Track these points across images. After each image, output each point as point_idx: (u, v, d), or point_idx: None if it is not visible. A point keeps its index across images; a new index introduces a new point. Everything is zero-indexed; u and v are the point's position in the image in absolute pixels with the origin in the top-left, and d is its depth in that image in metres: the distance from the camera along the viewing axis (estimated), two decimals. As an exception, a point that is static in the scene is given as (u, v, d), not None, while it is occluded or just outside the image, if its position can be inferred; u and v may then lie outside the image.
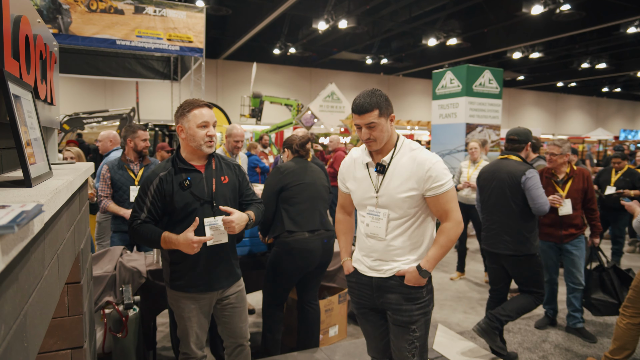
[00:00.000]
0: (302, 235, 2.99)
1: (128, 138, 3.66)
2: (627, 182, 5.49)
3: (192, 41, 10.24)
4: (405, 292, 2.02)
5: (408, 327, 2.04)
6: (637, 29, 14.07)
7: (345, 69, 23.49)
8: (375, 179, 2.05)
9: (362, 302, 2.18)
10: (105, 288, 2.92)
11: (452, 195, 1.99)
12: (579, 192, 3.72)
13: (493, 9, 14.56)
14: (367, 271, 2.11)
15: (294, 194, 3.05)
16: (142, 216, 2.18)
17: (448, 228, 2.00)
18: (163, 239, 2.12)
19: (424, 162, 1.95)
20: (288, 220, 3.00)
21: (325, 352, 3.22)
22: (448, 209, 1.99)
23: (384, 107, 1.96)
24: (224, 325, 2.44)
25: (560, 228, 3.75)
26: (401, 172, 1.98)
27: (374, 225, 2.05)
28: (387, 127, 1.98)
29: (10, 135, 1.43)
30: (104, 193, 3.62)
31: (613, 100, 32.41)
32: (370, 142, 2.00)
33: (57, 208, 1.08)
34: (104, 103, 18.48)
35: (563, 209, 3.68)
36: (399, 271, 2.02)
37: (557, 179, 3.80)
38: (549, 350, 3.61)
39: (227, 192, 2.33)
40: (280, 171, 3.11)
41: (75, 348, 1.90)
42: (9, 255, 0.66)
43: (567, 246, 3.76)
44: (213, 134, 2.25)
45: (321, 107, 11.38)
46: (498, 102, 8.24)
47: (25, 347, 0.88)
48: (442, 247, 2.00)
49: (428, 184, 1.94)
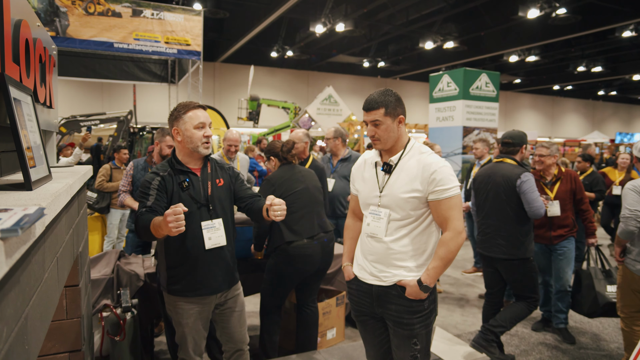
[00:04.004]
0: (301, 242, 2.98)
1: (157, 141, 3.79)
2: (586, 185, 5.77)
3: (189, 44, 10.25)
4: (406, 305, 1.98)
5: (409, 340, 2.01)
6: (632, 32, 14.16)
7: (342, 72, 23.51)
8: (381, 179, 2.04)
9: (361, 310, 2.16)
10: (103, 291, 2.92)
11: (455, 202, 1.94)
12: (568, 193, 3.76)
13: (490, 13, 14.62)
14: (368, 278, 2.08)
15: (288, 204, 3.04)
16: (149, 203, 2.13)
17: (448, 239, 1.95)
18: (152, 225, 1.98)
19: (430, 164, 1.94)
20: (286, 230, 2.99)
21: (323, 354, 3.22)
22: (449, 217, 1.94)
23: (391, 108, 1.96)
24: (223, 330, 2.42)
25: (550, 229, 3.77)
26: (407, 173, 1.97)
27: (374, 225, 2.03)
28: (394, 127, 1.98)
29: (10, 138, 1.43)
30: (124, 188, 3.87)
31: (609, 103, 32.54)
32: (374, 141, 2.01)
33: (57, 211, 1.08)
34: (101, 106, 18.43)
35: (550, 210, 3.71)
36: (400, 281, 1.98)
37: (545, 180, 3.83)
38: (546, 353, 3.62)
39: (223, 195, 2.33)
40: (271, 183, 3.08)
41: (73, 351, 1.90)
42: (12, 258, 0.66)
43: (557, 247, 3.78)
44: (210, 135, 2.25)
45: (318, 110, 11.39)
46: (495, 105, 8.28)
47: (26, 350, 0.88)
48: (441, 259, 1.95)
49: (432, 187, 1.92)
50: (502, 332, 3.31)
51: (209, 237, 2.23)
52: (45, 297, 1.12)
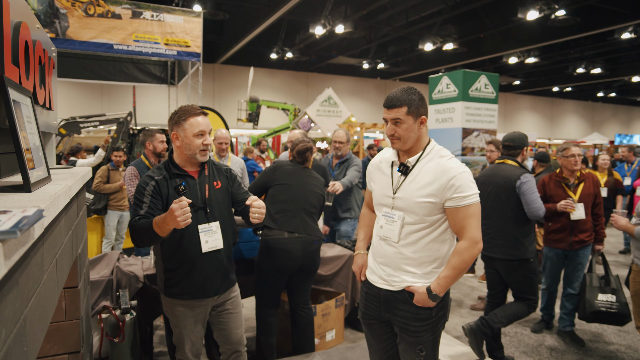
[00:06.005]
0: (281, 235, 3.01)
1: (147, 142, 3.80)
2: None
3: (189, 46, 10.26)
4: (413, 312, 1.93)
5: (415, 346, 1.97)
6: (631, 34, 14.18)
7: (342, 73, 23.53)
8: (396, 180, 1.97)
9: (369, 313, 2.11)
10: (102, 293, 2.91)
11: (473, 211, 1.85)
12: (590, 196, 3.69)
13: (489, 15, 14.64)
14: (377, 281, 2.03)
15: (276, 192, 3.10)
16: (142, 212, 2.14)
17: (463, 248, 1.86)
18: (155, 223, 2.00)
19: (449, 169, 1.85)
20: (267, 216, 3.02)
21: (322, 356, 3.22)
22: (466, 225, 1.85)
23: (414, 107, 1.88)
24: (220, 331, 2.43)
25: (570, 234, 3.68)
26: (424, 176, 1.89)
27: (387, 228, 1.97)
28: (415, 128, 1.90)
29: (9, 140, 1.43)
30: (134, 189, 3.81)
31: (608, 105, 32.58)
32: (394, 140, 1.93)
33: (56, 213, 1.08)
34: (101, 107, 18.43)
35: (576, 213, 3.60)
36: (409, 287, 1.93)
37: (568, 182, 3.74)
38: (545, 354, 3.62)
39: (220, 197, 2.33)
40: (274, 167, 3.20)
41: (72, 353, 1.90)
42: (11, 260, 0.66)
43: (578, 253, 3.71)
44: (209, 143, 2.25)
45: (318, 111, 11.39)
46: (494, 107, 8.29)
47: (25, 352, 0.88)
48: (454, 269, 1.86)
49: (449, 193, 1.83)
50: (498, 327, 3.31)
51: (206, 241, 2.23)
52: (44, 299, 1.12)
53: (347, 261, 3.67)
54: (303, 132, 4.10)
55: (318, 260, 3.21)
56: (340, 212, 4.44)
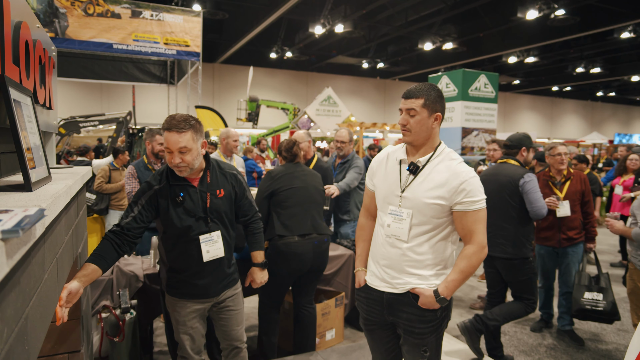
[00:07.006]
0: (292, 239, 3.00)
1: (147, 141, 3.87)
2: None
3: (188, 45, 10.27)
4: (418, 314, 1.91)
5: (419, 347, 1.97)
6: (631, 34, 14.19)
7: (341, 73, 23.53)
8: (404, 178, 1.94)
9: (370, 319, 2.07)
10: (102, 292, 2.92)
11: (481, 216, 1.87)
12: (577, 194, 3.73)
13: (488, 14, 14.65)
14: (379, 285, 1.99)
15: (284, 198, 3.07)
16: (132, 215, 2.11)
17: (470, 253, 1.87)
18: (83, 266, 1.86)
19: (460, 173, 1.85)
20: (279, 224, 3.02)
21: (322, 355, 3.22)
22: (474, 230, 1.86)
23: (430, 101, 1.87)
24: (220, 328, 2.45)
25: (559, 231, 3.74)
26: (434, 177, 1.87)
27: (395, 226, 1.93)
28: (428, 123, 1.89)
29: (9, 139, 1.44)
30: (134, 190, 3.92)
31: (607, 104, 32.61)
32: (404, 131, 1.92)
33: (57, 212, 1.09)
34: (101, 107, 18.42)
35: (561, 210, 3.67)
36: (413, 289, 1.90)
37: (555, 180, 3.80)
38: (545, 353, 3.63)
39: (223, 206, 2.28)
40: (271, 176, 3.16)
41: (72, 352, 1.90)
42: (13, 259, 0.67)
43: (567, 250, 3.75)
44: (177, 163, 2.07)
45: (318, 111, 11.39)
46: (494, 106, 8.30)
47: (26, 350, 0.89)
48: (462, 272, 1.87)
49: (459, 197, 1.83)
50: (494, 325, 3.31)
51: (207, 250, 2.22)
52: (45, 298, 1.12)
53: (347, 260, 3.68)
54: (307, 132, 4.11)
55: (327, 259, 3.22)
56: (340, 214, 4.45)
